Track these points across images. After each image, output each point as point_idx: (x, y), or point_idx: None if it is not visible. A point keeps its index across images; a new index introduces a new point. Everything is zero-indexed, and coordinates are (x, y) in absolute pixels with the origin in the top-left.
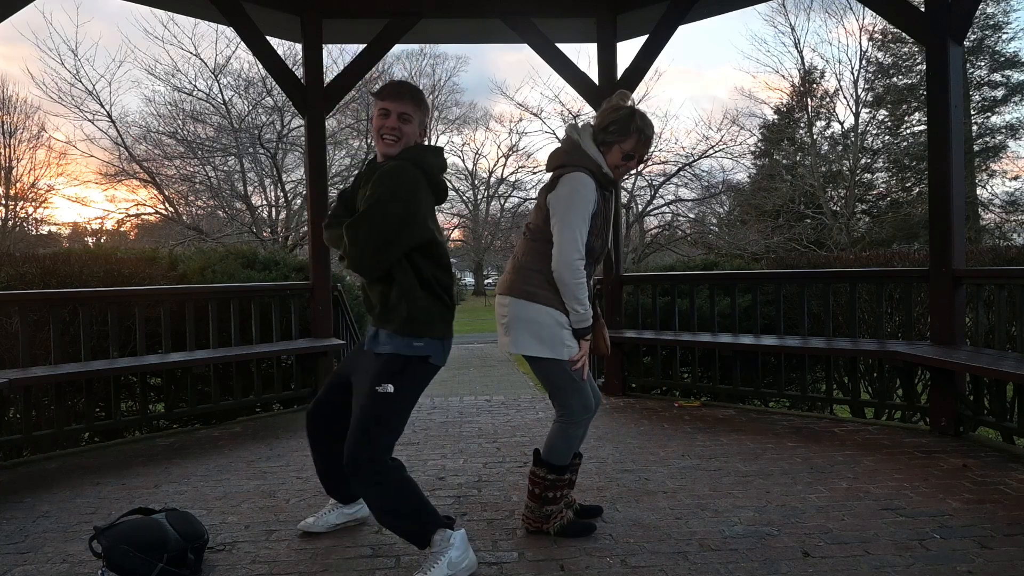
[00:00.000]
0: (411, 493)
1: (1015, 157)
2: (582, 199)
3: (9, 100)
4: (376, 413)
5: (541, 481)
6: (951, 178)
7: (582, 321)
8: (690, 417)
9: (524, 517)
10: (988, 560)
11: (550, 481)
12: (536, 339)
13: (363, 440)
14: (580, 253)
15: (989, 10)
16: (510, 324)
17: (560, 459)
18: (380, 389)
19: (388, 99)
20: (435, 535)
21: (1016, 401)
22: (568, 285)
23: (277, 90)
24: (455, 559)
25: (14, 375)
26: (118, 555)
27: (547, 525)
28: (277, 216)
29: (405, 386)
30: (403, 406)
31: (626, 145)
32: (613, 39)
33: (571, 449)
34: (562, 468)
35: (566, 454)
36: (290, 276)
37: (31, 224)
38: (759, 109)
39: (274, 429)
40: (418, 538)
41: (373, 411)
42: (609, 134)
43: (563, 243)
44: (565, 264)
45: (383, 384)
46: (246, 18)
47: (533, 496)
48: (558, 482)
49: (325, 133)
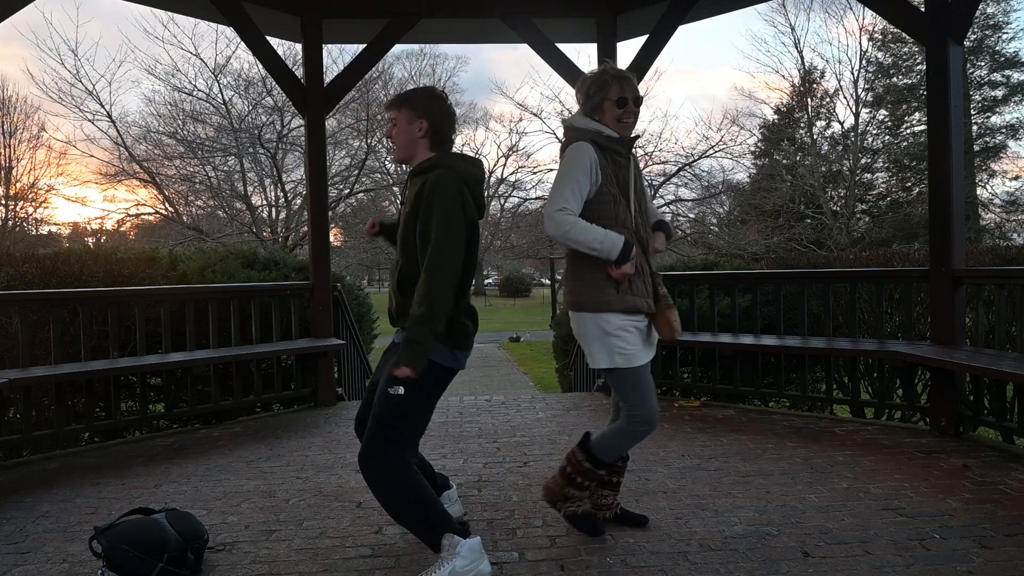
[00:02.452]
0: (421, 495)
1: (1015, 157)
2: (574, 161)
3: (9, 100)
4: (386, 413)
5: (577, 465)
6: (951, 178)
7: (608, 252)
8: (690, 417)
9: (546, 487)
10: (988, 560)
11: (585, 469)
12: (593, 351)
13: (375, 439)
14: (562, 206)
15: (989, 10)
16: (579, 340)
17: (604, 454)
18: (391, 391)
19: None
20: (444, 540)
21: (1016, 401)
22: (558, 238)
23: (277, 90)
24: (459, 568)
25: (14, 375)
26: (118, 555)
27: (562, 505)
28: (277, 216)
29: (416, 389)
30: (412, 408)
31: (612, 94)
32: (613, 39)
33: (618, 451)
34: (601, 463)
35: (611, 453)
36: (290, 276)
37: (31, 224)
38: (759, 109)
39: (274, 429)
40: (429, 540)
41: (383, 411)
42: (592, 96)
43: (549, 200)
44: (547, 217)
45: (395, 386)
46: (246, 18)
47: (563, 473)
48: (591, 474)
49: (325, 133)
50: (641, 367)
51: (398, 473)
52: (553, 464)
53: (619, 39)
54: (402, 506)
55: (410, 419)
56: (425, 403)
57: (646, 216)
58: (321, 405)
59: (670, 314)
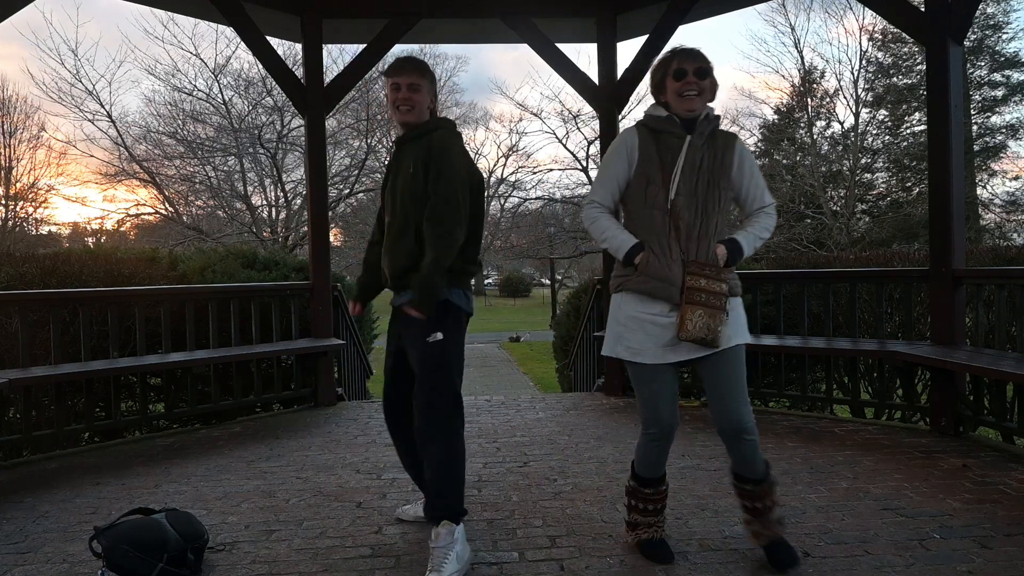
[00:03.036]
0: (463, 458)
1: (1015, 157)
2: (609, 150)
3: (9, 100)
4: (430, 365)
5: (626, 484)
6: (951, 178)
7: (615, 253)
8: (690, 417)
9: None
10: (988, 560)
11: (630, 487)
12: (606, 335)
13: (437, 391)
14: (591, 199)
15: (989, 10)
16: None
17: (638, 467)
18: (431, 340)
19: (396, 75)
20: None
21: (1016, 401)
22: (588, 230)
23: (277, 90)
24: (460, 553)
25: (14, 375)
26: (118, 555)
27: (632, 533)
28: (277, 216)
29: (448, 332)
30: (453, 352)
31: (671, 70)
32: (613, 39)
33: (644, 459)
34: (639, 477)
35: (641, 463)
36: (290, 276)
37: (31, 224)
38: (759, 109)
39: (274, 429)
40: (453, 512)
41: (428, 364)
42: (654, 76)
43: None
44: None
45: (432, 334)
46: (246, 18)
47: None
48: (637, 492)
49: (325, 133)
50: (649, 365)
51: (456, 428)
52: (553, 464)
53: (619, 39)
54: (452, 463)
55: (454, 364)
56: (459, 347)
57: (708, 202)
58: (321, 405)
59: (686, 310)
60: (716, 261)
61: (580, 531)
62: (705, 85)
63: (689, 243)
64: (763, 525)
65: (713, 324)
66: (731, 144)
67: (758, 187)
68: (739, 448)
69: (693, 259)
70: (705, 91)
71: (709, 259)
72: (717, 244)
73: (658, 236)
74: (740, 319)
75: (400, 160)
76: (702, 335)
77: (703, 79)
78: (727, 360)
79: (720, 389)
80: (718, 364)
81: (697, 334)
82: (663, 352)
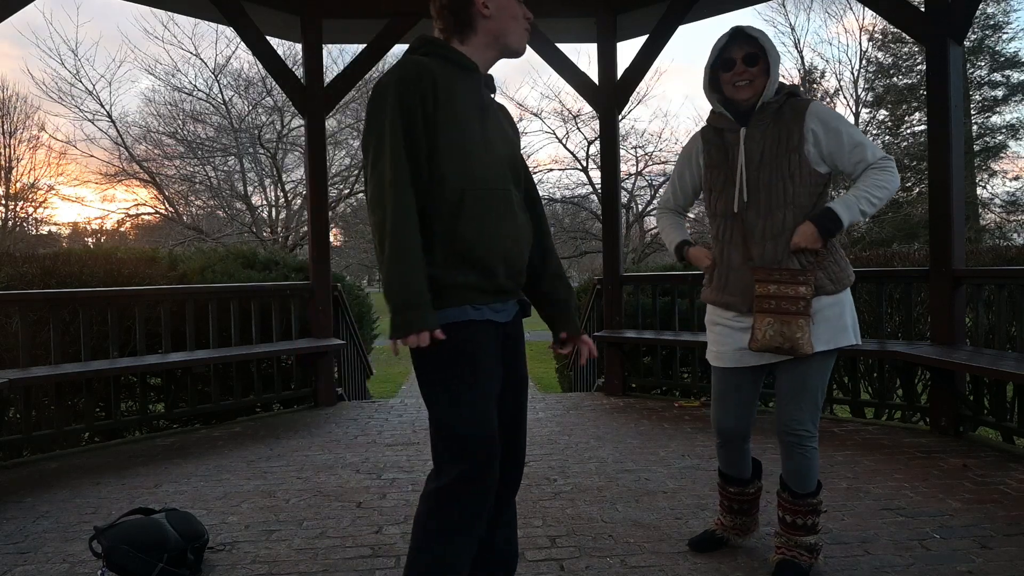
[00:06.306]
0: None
1: (1015, 157)
2: (679, 156)
3: (9, 100)
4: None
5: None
6: (951, 178)
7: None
8: (690, 417)
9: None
10: (988, 560)
11: (719, 484)
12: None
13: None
14: (660, 203)
15: (989, 10)
16: None
17: (719, 462)
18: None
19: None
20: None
21: (1016, 401)
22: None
23: (277, 90)
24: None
25: (14, 375)
26: (118, 555)
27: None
28: (277, 216)
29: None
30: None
31: (720, 60)
32: (613, 39)
33: (721, 460)
34: (719, 471)
35: (720, 461)
36: (290, 276)
37: (31, 224)
38: None
39: (274, 429)
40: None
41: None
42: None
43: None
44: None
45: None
46: (246, 18)
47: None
48: (721, 488)
49: (325, 133)
50: (721, 368)
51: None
52: (553, 464)
53: (619, 39)
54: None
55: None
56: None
57: (773, 196)
58: (321, 405)
59: (757, 319)
60: (790, 262)
61: (580, 531)
62: (756, 72)
63: (755, 246)
64: (787, 542)
65: (788, 332)
66: (800, 115)
67: (855, 147)
68: (790, 456)
69: (760, 265)
70: (758, 77)
71: (781, 260)
72: (802, 225)
73: (722, 245)
74: (837, 320)
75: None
76: (776, 344)
77: (753, 65)
78: (798, 362)
79: (781, 390)
80: (788, 365)
81: (770, 344)
82: (740, 355)
